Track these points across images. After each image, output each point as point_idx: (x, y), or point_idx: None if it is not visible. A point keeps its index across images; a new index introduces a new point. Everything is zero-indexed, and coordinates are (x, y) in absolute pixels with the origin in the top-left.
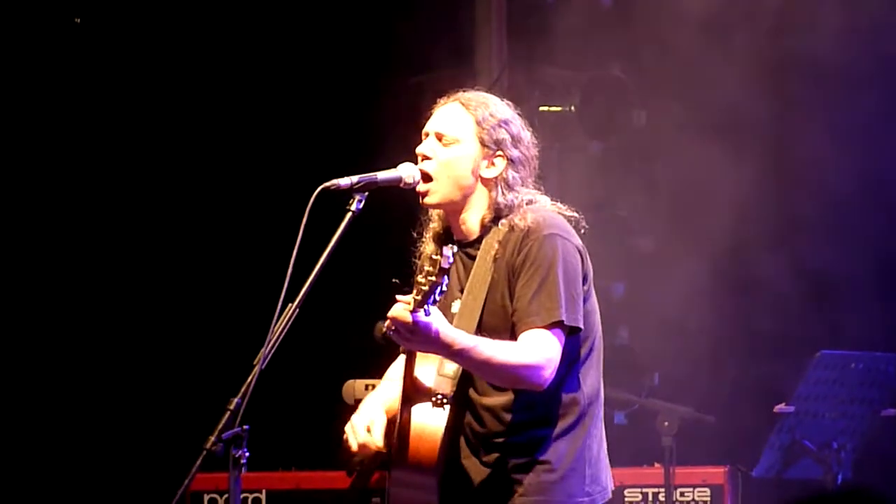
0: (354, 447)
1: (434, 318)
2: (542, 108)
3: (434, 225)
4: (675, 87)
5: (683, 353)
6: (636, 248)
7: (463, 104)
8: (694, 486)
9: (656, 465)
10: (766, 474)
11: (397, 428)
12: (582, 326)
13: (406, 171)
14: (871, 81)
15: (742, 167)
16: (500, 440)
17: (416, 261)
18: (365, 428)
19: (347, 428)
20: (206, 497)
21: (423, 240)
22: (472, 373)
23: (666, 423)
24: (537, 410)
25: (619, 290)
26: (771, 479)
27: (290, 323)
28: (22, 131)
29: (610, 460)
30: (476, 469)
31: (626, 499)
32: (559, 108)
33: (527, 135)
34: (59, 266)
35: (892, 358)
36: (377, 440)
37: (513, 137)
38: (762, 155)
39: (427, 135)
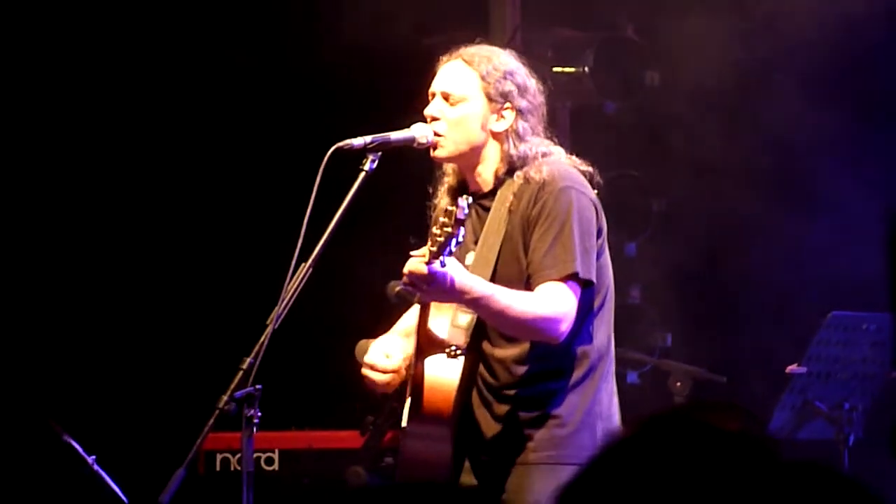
0: (378, 379)
1: (450, 268)
2: (555, 69)
3: (448, 179)
4: (689, 48)
5: (695, 313)
6: (648, 207)
7: (466, 61)
8: None
9: None
10: (778, 435)
11: (411, 380)
12: (595, 280)
13: (419, 131)
14: None
15: (754, 130)
16: (512, 392)
17: (431, 214)
18: (383, 356)
19: (364, 370)
20: (219, 456)
21: (438, 193)
22: (488, 322)
23: (678, 384)
24: (549, 363)
25: (630, 249)
26: (782, 440)
27: (303, 282)
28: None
29: (622, 420)
30: (487, 422)
31: None
32: (573, 69)
33: (532, 83)
34: (71, 228)
35: None
36: (396, 364)
37: (519, 88)
38: (775, 118)
39: (433, 95)
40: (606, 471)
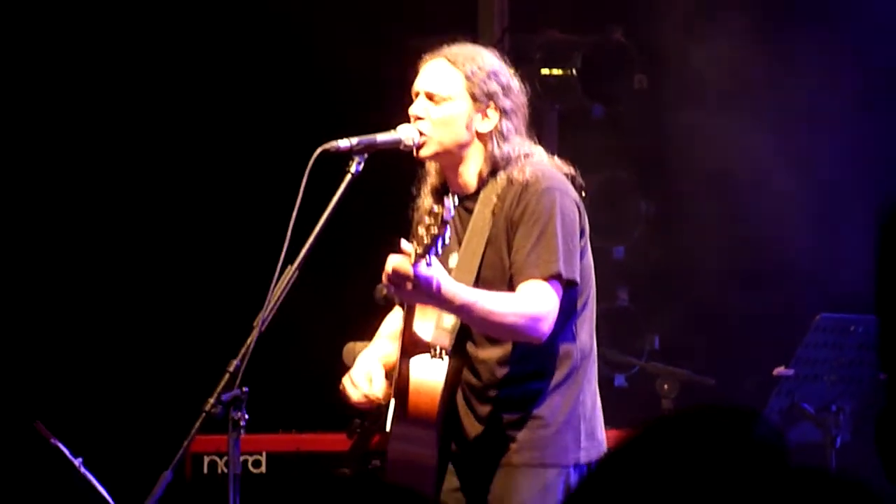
0: (355, 398)
1: (435, 271)
2: (543, 72)
3: (431, 178)
4: (677, 50)
5: (683, 315)
6: (637, 210)
7: (450, 60)
8: None
9: None
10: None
11: (396, 382)
12: (578, 280)
13: (405, 133)
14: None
15: (744, 131)
16: (494, 393)
17: (414, 214)
18: (365, 378)
19: (345, 381)
20: (206, 459)
21: (421, 194)
22: (471, 327)
23: (666, 386)
24: (532, 363)
25: (619, 252)
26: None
27: (289, 285)
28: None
29: (610, 423)
30: (472, 424)
31: None
32: (560, 72)
33: (515, 83)
34: (58, 231)
35: None
36: (377, 391)
37: (503, 88)
38: (764, 119)
39: (417, 94)
40: (612, 476)
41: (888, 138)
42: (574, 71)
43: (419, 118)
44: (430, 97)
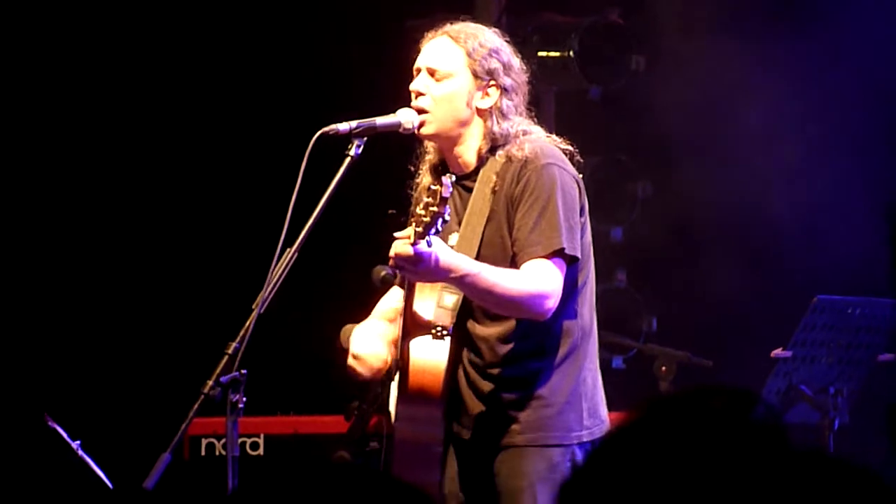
0: (365, 372)
1: (436, 248)
2: (540, 54)
3: (430, 156)
4: (674, 31)
5: (681, 297)
6: (634, 192)
7: (452, 37)
8: None
9: None
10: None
11: (398, 363)
12: (580, 256)
13: (405, 117)
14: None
15: (742, 113)
16: (496, 371)
17: (413, 193)
18: (373, 353)
19: (350, 360)
20: (204, 442)
21: (420, 172)
22: (475, 301)
23: (663, 368)
24: (532, 341)
25: (616, 234)
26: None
27: (288, 267)
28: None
29: (608, 405)
30: (473, 402)
31: None
32: (558, 54)
33: (516, 61)
34: (57, 215)
35: (889, 303)
36: (383, 354)
37: (504, 65)
38: (762, 100)
39: (419, 71)
40: (610, 459)
41: (888, 119)
42: (571, 53)
43: (420, 94)
44: (431, 73)
